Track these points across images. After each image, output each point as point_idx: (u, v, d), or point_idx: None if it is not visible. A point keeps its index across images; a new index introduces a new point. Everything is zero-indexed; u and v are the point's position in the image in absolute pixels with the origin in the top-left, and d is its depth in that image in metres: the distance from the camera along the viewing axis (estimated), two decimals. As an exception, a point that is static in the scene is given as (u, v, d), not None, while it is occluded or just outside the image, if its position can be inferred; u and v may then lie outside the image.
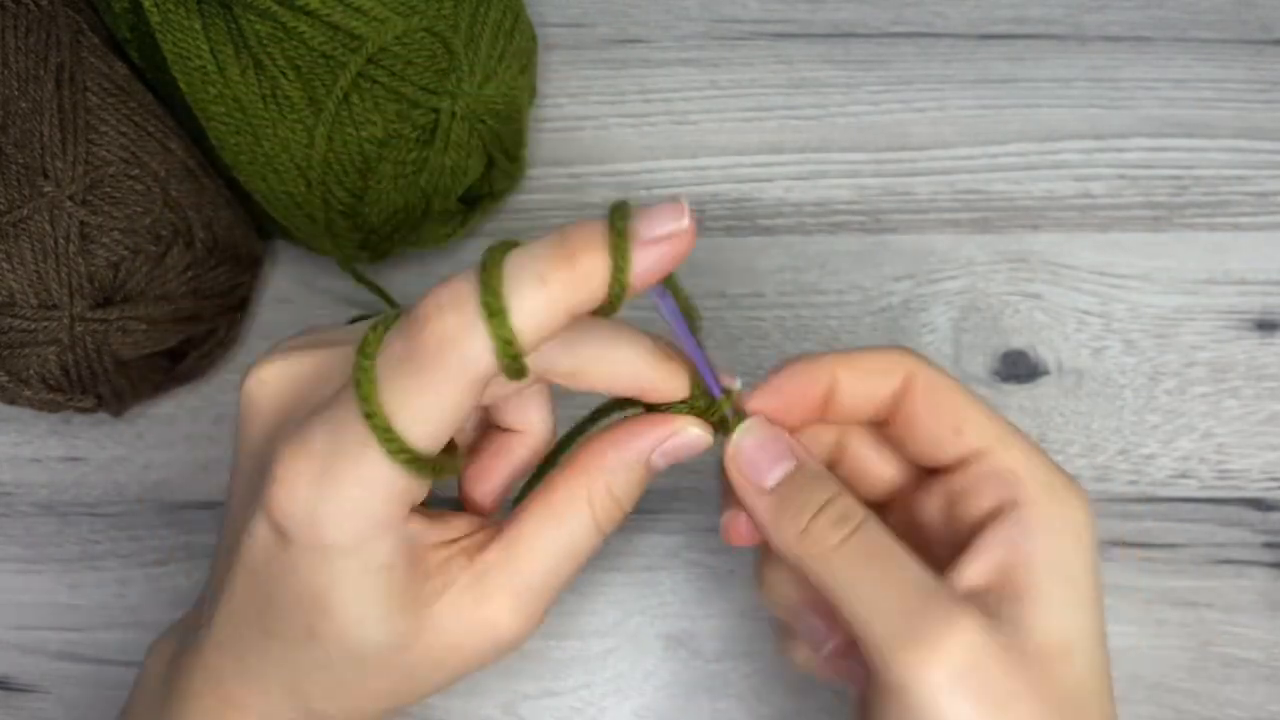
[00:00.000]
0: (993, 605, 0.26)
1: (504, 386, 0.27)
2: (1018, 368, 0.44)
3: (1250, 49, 0.49)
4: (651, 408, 0.29)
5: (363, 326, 0.28)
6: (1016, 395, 0.43)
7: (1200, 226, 0.46)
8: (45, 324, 0.36)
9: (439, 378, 0.24)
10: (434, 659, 0.27)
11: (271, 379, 0.28)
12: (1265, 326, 0.44)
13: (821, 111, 0.48)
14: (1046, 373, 0.44)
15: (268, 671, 0.27)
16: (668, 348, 0.29)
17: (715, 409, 0.29)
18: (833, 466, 0.32)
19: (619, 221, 0.24)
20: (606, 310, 0.24)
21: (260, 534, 0.26)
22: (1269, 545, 0.41)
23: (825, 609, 0.29)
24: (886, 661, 0.25)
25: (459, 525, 0.28)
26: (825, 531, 0.27)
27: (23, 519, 0.42)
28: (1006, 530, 0.27)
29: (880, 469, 0.31)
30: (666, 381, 0.28)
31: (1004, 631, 0.26)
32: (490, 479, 0.31)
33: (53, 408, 0.39)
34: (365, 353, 0.24)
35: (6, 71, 0.37)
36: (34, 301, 0.36)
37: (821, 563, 0.27)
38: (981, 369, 0.44)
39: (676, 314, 0.27)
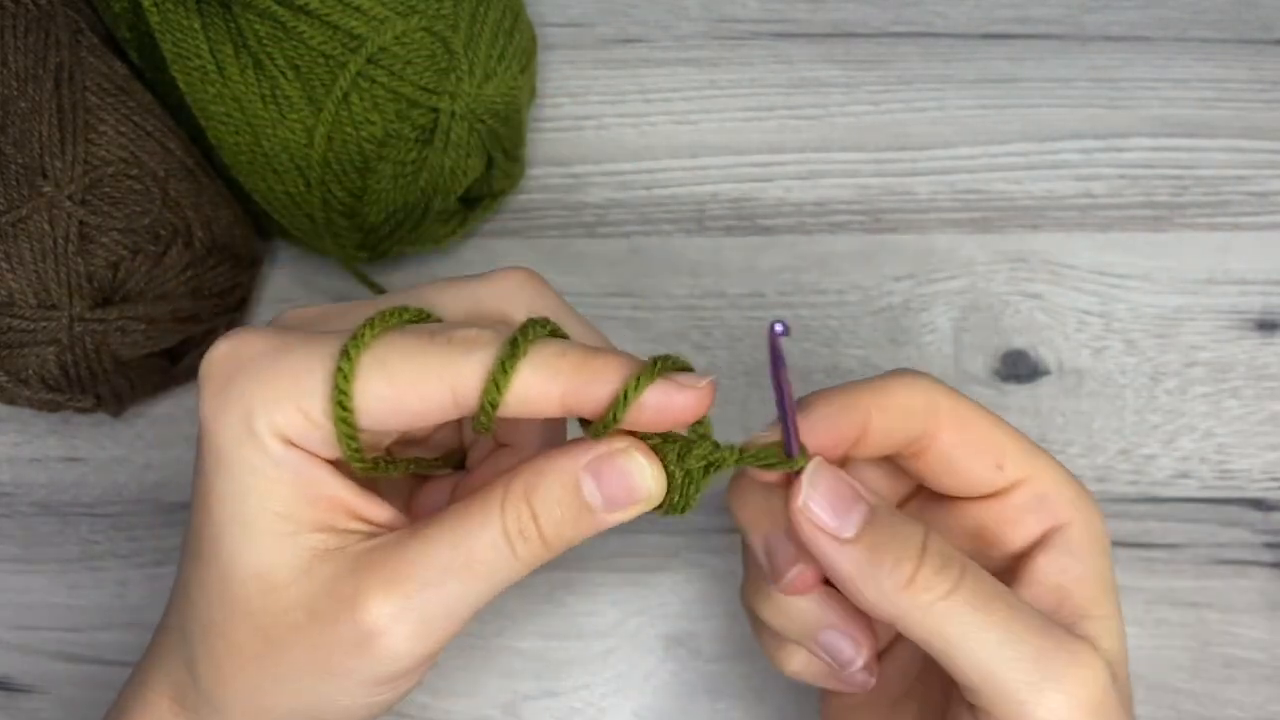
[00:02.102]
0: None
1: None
2: (1018, 368, 0.44)
3: (1251, 49, 0.49)
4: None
5: (346, 316, 0.27)
6: (1017, 395, 0.43)
7: (1201, 226, 0.46)
8: (44, 324, 0.36)
9: (434, 371, 0.24)
10: (300, 631, 0.25)
11: (232, 343, 0.26)
12: (1265, 326, 0.44)
13: (821, 111, 0.48)
14: (1047, 373, 0.44)
15: (169, 618, 0.28)
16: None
17: (700, 447, 0.26)
18: None
19: (648, 370, 0.24)
20: (594, 430, 0.25)
21: (198, 435, 0.26)
22: (1269, 545, 0.41)
23: (859, 626, 0.28)
24: (1024, 706, 0.25)
25: (381, 512, 0.27)
26: (933, 580, 0.25)
27: (22, 519, 0.42)
28: (1057, 558, 0.27)
29: (884, 487, 0.31)
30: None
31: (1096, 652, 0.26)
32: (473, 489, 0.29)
33: (52, 408, 0.39)
34: (386, 314, 0.25)
35: (5, 71, 0.37)
36: (33, 301, 0.36)
37: (930, 614, 0.25)
38: (982, 369, 0.44)
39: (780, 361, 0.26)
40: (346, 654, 0.25)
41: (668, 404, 0.24)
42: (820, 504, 0.26)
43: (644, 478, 0.26)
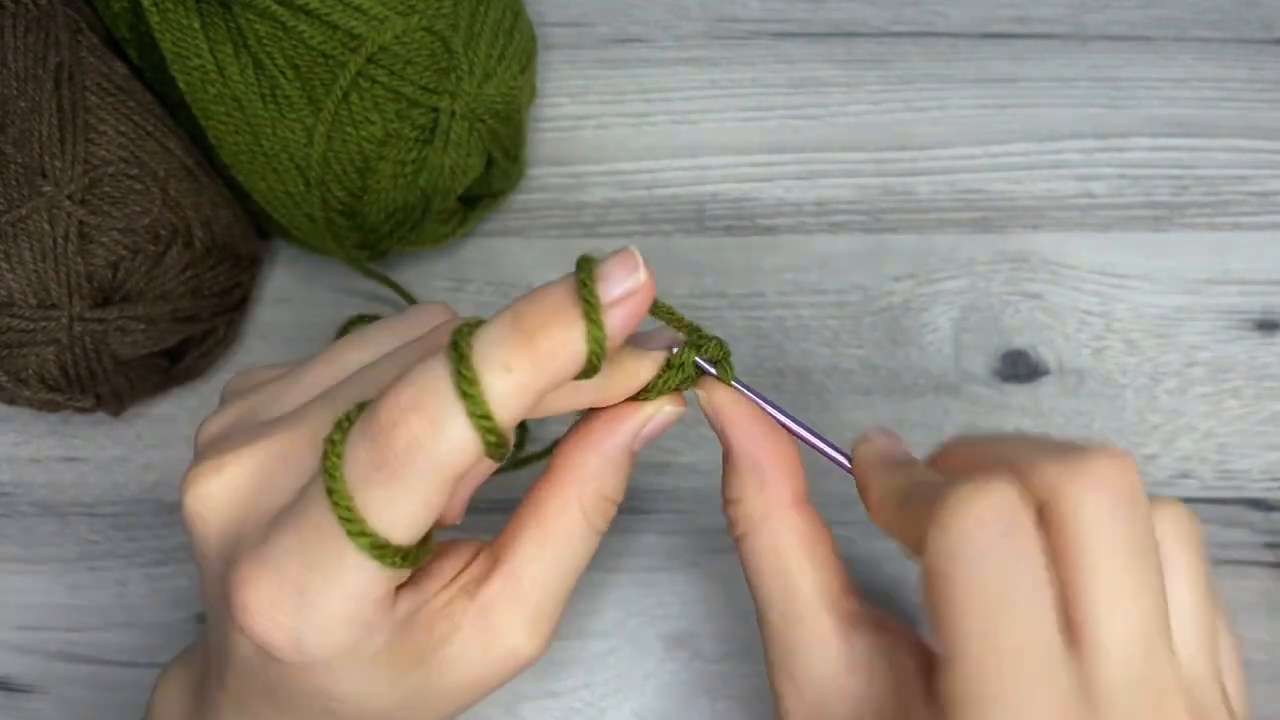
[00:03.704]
0: None
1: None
2: (1018, 368, 0.44)
3: (1251, 49, 0.49)
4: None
5: (312, 416, 0.26)
6: (1017, 395, 0.43)
7: (1201, 226, 0.46)
8: (44, 324, 0.36)
9: (413, 483, 0.23)
10: (452, 698, 0.27)
11: (212, 496, 0.26)
12: (1266, 326, 0.44)
13: (822, 111, 0.48)
14: (1047, 373, 0.44)
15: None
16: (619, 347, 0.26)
17: (683, 369, 0.28)
18: None
19: (588, 292, 0.23)
20: (587, 374, 0.24)
21: (246, 652, 0.25)
22: (1270, 545, 0.41)
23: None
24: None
25: (448, 567, 0.27)
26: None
27: (22, 519, 0.42)
28: None
29: None
30: (633, 379, 0.27)
31: None
32: (458, 493, 0.29)
33: (52, 408, 0.39)
34: (331, 473, 0.23)
35: (5, 71, 0.37)
36: (33, 301, 0.36)
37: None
38: (982, 369, 0.44)
39: (760, 397, 0.29)
40: (501, 684, 0.27)
41: (627, 306, 0.24)
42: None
43: (676, 416, 0.28)
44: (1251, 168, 0.47)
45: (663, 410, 0.28)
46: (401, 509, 0.23)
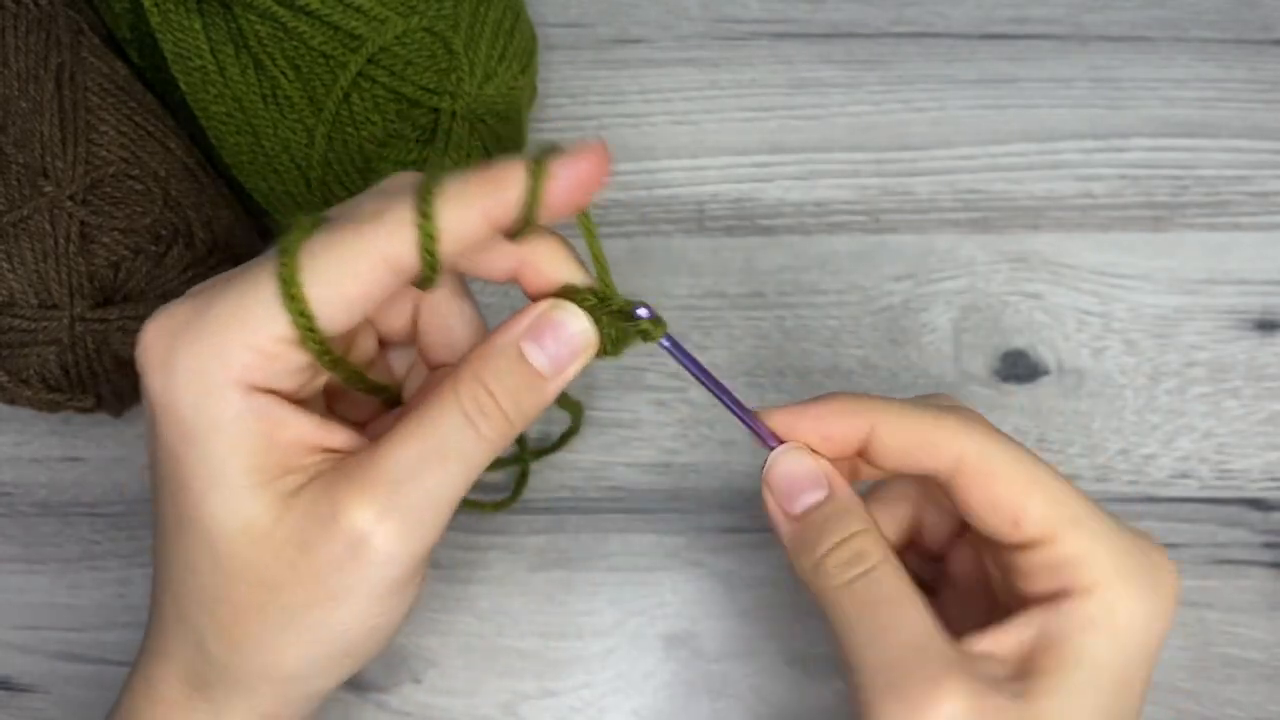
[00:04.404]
0: (1007, 673, 0.26)
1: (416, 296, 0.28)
2: (1018, 368, 0.44)
3: (1251, 49, 0.49)
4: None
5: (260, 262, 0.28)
6: (1016, 395, 0.43)
7: (1201, 226, 0.46)
8: (45, 324, 0.36)
9: (360, 249, 0.25)
10: (297, 568, 0.25)
11: (165, 318, 0.26)
12: (1265, 326, 0.44)
13: (821, 111, 0.48)
14: (1047, 373, 0.44)
15: (162, 600, 0.27)
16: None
17: (620, 305, 0.28)
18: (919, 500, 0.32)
19: (540, 154, 0.26)
20: (518, 229, 0.26)
21: (147, 417, 0.26)
22: (1269, 545, 0.41)
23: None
24: (871, 708, 0.26)
25: (341, 437, 0.27)
26: (833, 570, 0.27)
27: (23, 519, 0.42)
28: (1047, 618, 0.27)
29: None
30: (548, 263, 0.28)
31: (1003, 699, 0.25)
32: (382, 316, 0.30)
33: (53, 408, 0.39)
34: (300, 219, 0.26)
35: (7, 71, 0.37)
36: (34, 301, 0.36)
37: (827, 597, 0.27)
38: (981, 369, 0.44)
39: (685, 354, 0.29)
40: (342, 570, 0.26)
41: (575, 174, 0.25)
42: (780, 476, 0.29)
43: (578, 326, 0.27)
44: (1251, 168, 0.47)
45: (559, 309, 0.27)
46: (335, 268, 0.25)
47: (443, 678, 0.40)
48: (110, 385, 0.38)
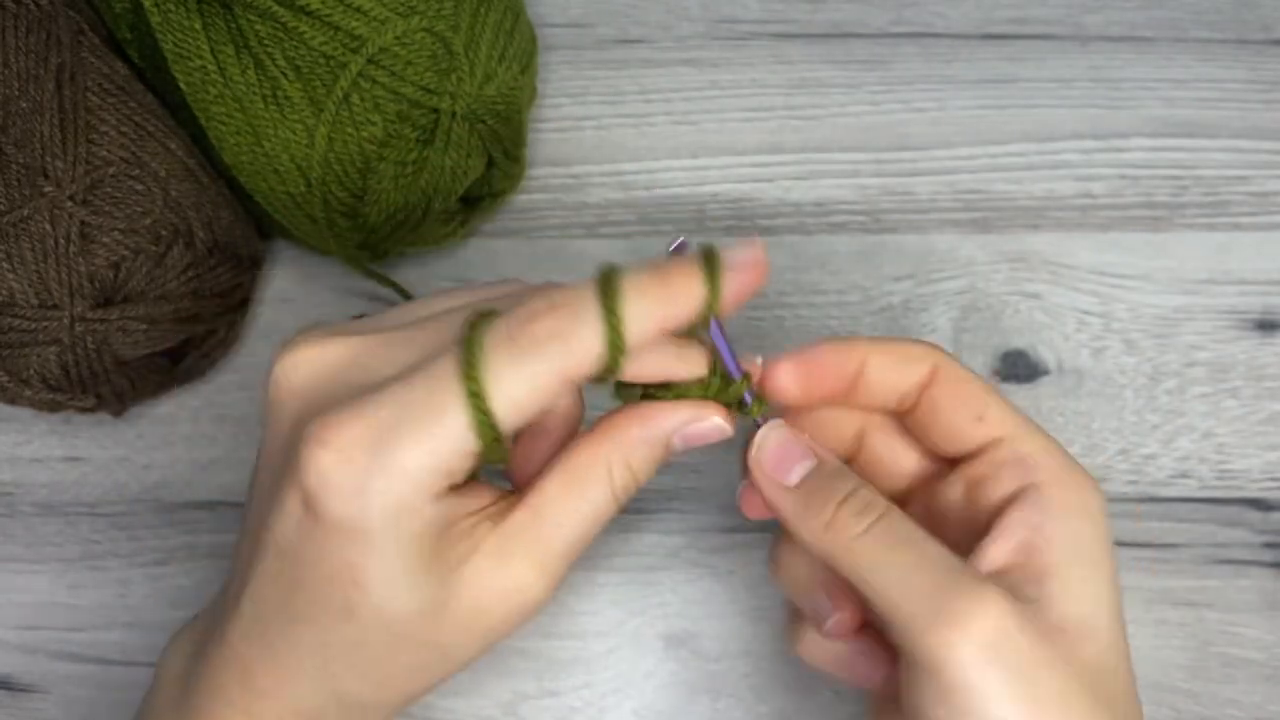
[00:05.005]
0: (1016, 585, 0.27)
1: None
2: (1018, 368, 0.44)
3: (1250, 49, 0.49)
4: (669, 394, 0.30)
5: (425, 323, 0.29)
6: (1016, 395, 0.43)
7: (1200, 226, 0.46)
8: (45, 324, 0.36)
9: (541, 366, 0.25)
10: (462, 625, 0.27)
11: (304, 363, 0.28)
12: (1265, 326, 0.44)
13: (821, 111, 0.48)
14: (1046, 373, 0.44)
15: (298, 654, 0.27)
16: (685, 337, 0.29)
17: (734, 392, 0.29)
18: (853, 458, 0.33)
19: (712, 256, 0.27)
20: (692, 330, 0.28)
21: (292, 510, 0.26)
22: (1269, 545, 0.41)
23: (836, 589, 0.30)
24: (917, 641, 0.26)
25: (484, 495, 0.28)
26: (849, 521, 0.28)
27: (23, 519, 0.42)
28: (1026, 513, 0.28)
29: (901, 460, 0.32)
30: (687, 364, 0.29)
31: (1029, 606, 0.26)
32: (534, 459, 0.31)
33: (53, 408, 0.39)
34: (476, 325, 0.26)
35: (7, 71, 0.37)
36: (34, 301, 0.36)
37: (847, 551, 0.28)
38: (981, 369, 0.44)
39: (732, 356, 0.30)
40: (506, 628, 0.28)
41: (745, 279, 0.27)
42: (770, 453, 0.30)
43: (722, 432, 0.29)
44: (1251, 168, 0.47)
45: (712, 418, 0.29)
46: (518, 386, 0.25)
47: (443, 678, 0.40)
48: (110, 385, 0.38)
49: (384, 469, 0.25)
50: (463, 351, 0.25)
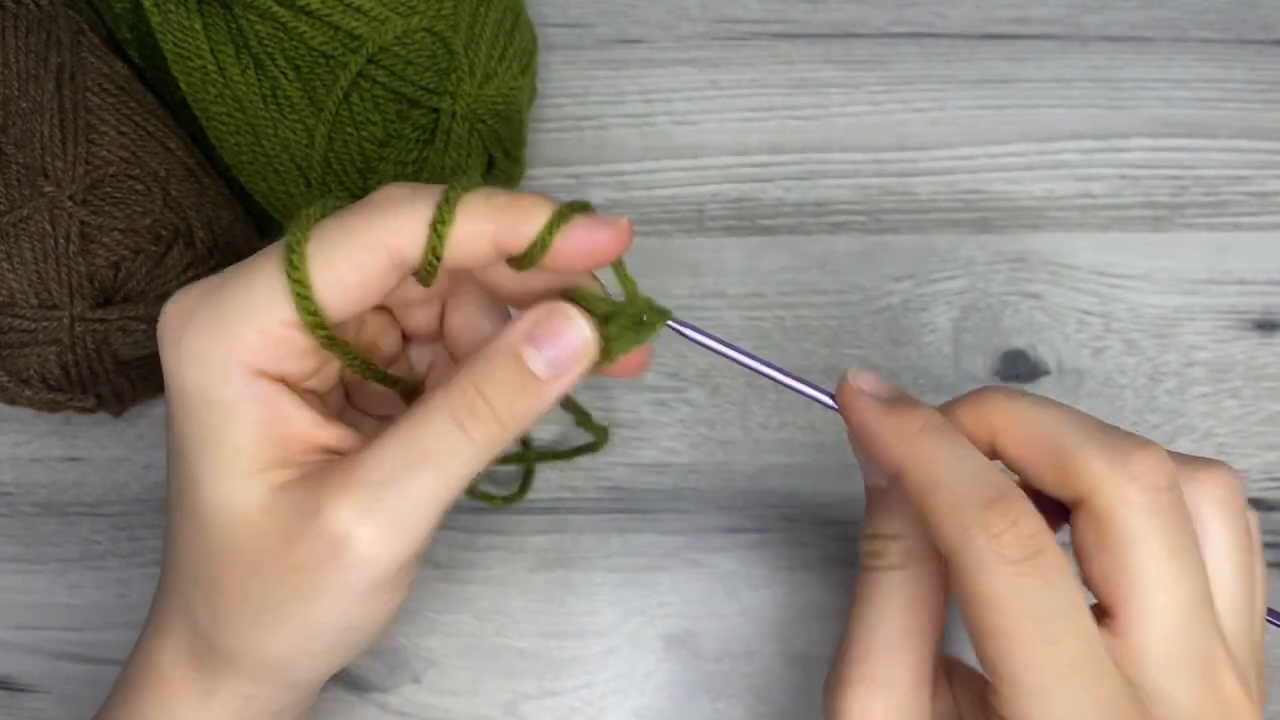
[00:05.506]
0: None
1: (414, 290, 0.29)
2: (1018, 368, 0.44)
3: (1251, 49, 0.49)
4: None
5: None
6: (1016, 395, 0.43)
7: (1200, 226, 0.46)
8: (45, 324, 0.36)
9: (364, 239, 0.25)
10: (282, 566, 0.26)
11: (182, 293, 0.27)
12: (1265, 326, 0.44)
13: (822, 111, 0.48)
14: (1047, 373, 0.44)
15: (169, 588, 0.28)
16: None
17: (632, 314, 0.27)
18: None
19: (571, 205, 0.26)
20: (522, 265, 0.27)
21: (170, 408, 0.27)
22: (1269, 545, 0.41)
23: None
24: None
25: (342, 436, 0.27)
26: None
27: (23, 519, 0.42)
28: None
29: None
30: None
31: None
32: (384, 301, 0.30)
33: (53, 408, 0.39)
34: (312, 209, 0.27)
35: (7, 71, 0.37)
36: (34, 301, 0.36)
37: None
38: (981, 369, 0.44)
39: (709, 336, 0.29)
40: (321, 569, 0.25)
41: (590, 238, 0.26)
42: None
43: (580, 332, 0.27)
44: (1251, 168, 0.47)
45: (561, 311, 0.27)
46: (340, 259, 0.25)
47: (443, 678, 0.40)
48: (110, 385, 0.38)
49: (201, 318, 0.26)
50: (291, 225, 0.26)
